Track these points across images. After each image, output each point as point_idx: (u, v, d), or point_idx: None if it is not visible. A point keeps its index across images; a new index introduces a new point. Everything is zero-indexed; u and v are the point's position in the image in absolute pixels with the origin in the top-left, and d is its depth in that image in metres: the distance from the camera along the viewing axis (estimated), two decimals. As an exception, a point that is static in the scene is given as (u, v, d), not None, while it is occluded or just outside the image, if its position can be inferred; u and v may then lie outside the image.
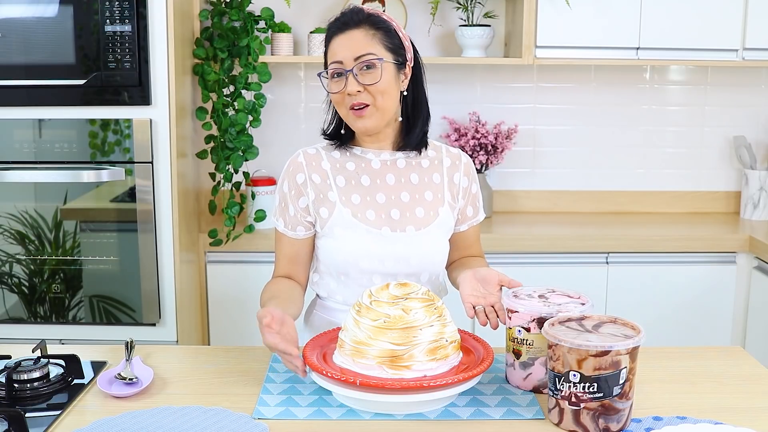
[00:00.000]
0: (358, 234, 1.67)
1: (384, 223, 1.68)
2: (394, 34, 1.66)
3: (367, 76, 1.62)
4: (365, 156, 1.73)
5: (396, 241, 1.68)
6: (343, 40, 1.63)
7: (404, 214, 1.70)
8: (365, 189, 1.70)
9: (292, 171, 1.72)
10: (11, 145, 2.58)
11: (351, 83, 1.61)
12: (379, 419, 1.35)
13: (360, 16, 1.65)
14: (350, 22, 1.64)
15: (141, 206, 2.60)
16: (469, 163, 1.80)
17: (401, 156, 1.74)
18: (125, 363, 1.52)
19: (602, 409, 1.27)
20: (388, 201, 1.70)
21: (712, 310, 2.93)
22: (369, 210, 1.69)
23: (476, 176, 1.82)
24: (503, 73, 3.25)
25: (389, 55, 1.64)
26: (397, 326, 1.35)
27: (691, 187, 3.35)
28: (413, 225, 1.69)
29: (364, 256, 1.67)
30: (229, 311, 2.90)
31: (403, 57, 1.67)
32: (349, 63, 1.62)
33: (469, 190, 1.78)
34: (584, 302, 1.46)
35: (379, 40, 1.63)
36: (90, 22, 2.49)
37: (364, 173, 1.72)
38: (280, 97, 3.22)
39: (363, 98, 1.62)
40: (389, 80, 1.63)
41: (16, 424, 1.26)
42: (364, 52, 1.61)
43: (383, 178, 1.72)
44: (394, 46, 1.65)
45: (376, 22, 1.65)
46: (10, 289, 2.67)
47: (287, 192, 1.72)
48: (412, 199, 1.71)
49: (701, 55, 2.95)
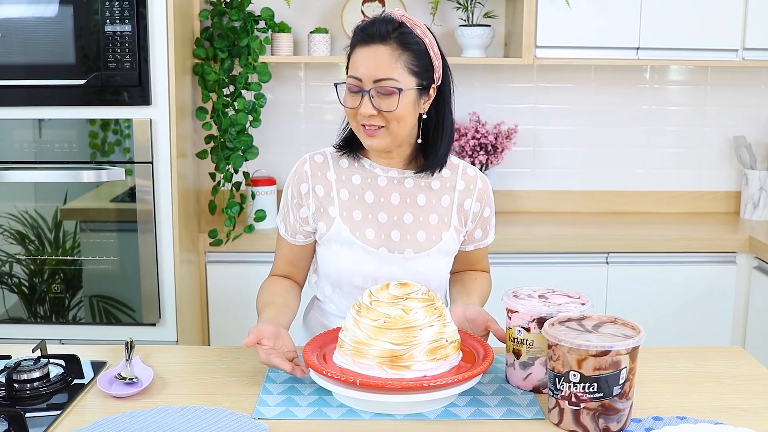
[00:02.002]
0: (355, 252, 1.64)
1: (382, 244, 1.64)
2: (424, 54, 1.55)
3: (383, 102, 1.53)
4: (373, 170, 1.67)
5: (392, 263, 1.64)
6: (366, 56, 1.53)
7: (404, 237, 1.65)
8: (368, 206, 1.66)
9: (297, 179, 1.68)
10: (11, 145, 2.58)
11: (366, 105, 1.53)
12: (379, 419, 1.35)
13: (389, 29, 1.53)
14: (376, 35, 1.53)
15: (141, 206, 2.60)
16: (484, 187, 1.71)
17: (410, 175, 1.66)
18: (125, 363, 1.52)
19: (602, 409, 1.27)
20: (389, 221, 1.65)
21: (712, 310, 2.93)
22: (369, 228, 1.65)
23: (492, 200, 1.73)
24: (503, 73, 3.25)
25: (412, 80, 1.54)
26: (397, 326, 1.35)
27: (691, 187, 3.35)
28: (412, 248, 1.65)
29: (358, 274, 1.65)
30: (229, 311, 2.90)
31: (429, 79, 1.57)
32: (367, 83, 1.53)
33: (480, 214, 1.71)
34: (584, 302, 1.46)
35: (404, 63, 1.53)
36: (90, 22, 2.49)
37: (369, 189, 1.66)
38: (280, 97, 3.22)
39: (376, 121, 1.55)
40: (406, 107, 1.54)
41: (16, 424, 1.26)
42: (385, 76, 1.52)
43: (388, 196, 1.66)
44: (421, 69, 1.55)
45: (405, 40, 1.53)
46: (10, 289, 2.67)
47: (289, 200, 1.69)
48: (415, 222, 1.66)
49: (701, 55, 2.95)
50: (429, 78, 1.58)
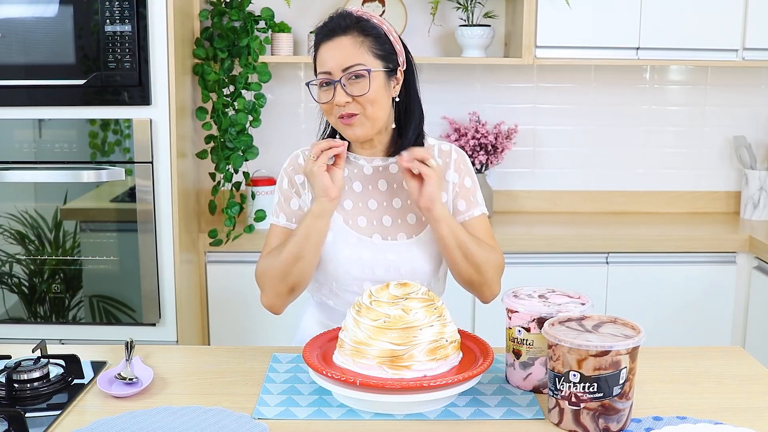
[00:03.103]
0: (349, 242, 1.66)
1: (375, 231, 1.67)
2: (385, 39, 1.62)
3: (355, 87, 1.58)
4: (357, 162, 1.71)
5: (386, 250, 1.66)
6: (331, 49, 1.59)
7: (396, 221, 1.68)
8: (357, 195, 1.69)
9: (292, 171, 1.72)
10: (11, 145, 2.58)
11: (339, 94, 1.57)
12: (379, 419, 1.35)
13: (348, 21, 1.60)
14: (337, 28, 1.60)
15: (141, 206, 2.60)
16: (460, 158, 1.74)
17: (393, 161, 1.71)
18: (125, 363, 1.52)
19: (602, 409, 1.27)
20: (379, 207, 1.69)
21: (712, 310, 2.93)
22: (360, 216, 1.68)
23: (471, 170, 1.75)
24: (503, 73, 3.25)
25: (379, 63, 1.60)
26: (397, 326, 1.35)
27: (691, 187, 3.35)
28: (404, 232, 1.67)
29: (355, 264, 1.66)
30: (229, 311, 2.90)
31: (394, 63, 1.63)
32: (336, 74, 1.58)
33: (461, 184, 1.72)
34: (584, 302, 1.46)
35: (368, 48, 1.59)
36: (90, 22, 2.49)
37: (357, 179, 1.70)
38: (280, 97, 3.22)
39: (352, 108, 1.59)
40: (378, 89, 1.59)
41: (16, 424, 1.26)
42: (352, 62, 1.57)
43: (375, 184, 1.70)
44: (385, 53, 1.61)
45: (365, 28, 1.60)
46: (10, 289, 2.67)
47: (288, 188, 1.71)
48: (404, 205, 1.69)
49: (701, 55, 2.95)
50: (394, 62, 1.63)
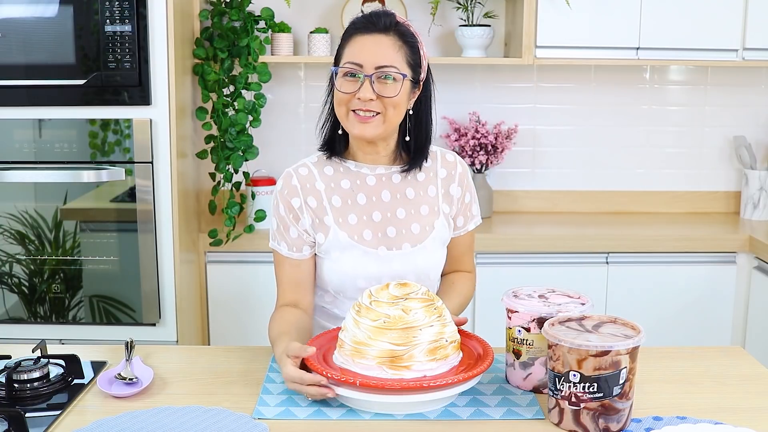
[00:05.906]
0: (355, 256, 1.64)
1: (380, 243, 1.66)
2: (417, 51, 1.61)
3: (385, 88, 1.56)
4: (360, 171, 1.69)
5: (392, 260, 1.66)
6: (368, 43, 1.57)
7: (400, 231, 1.67)
8: (361, 208, 1.67)
9: (287, 194, 1.67)
10: (11, 145, 2.58)
11: (366, 89, 1.56)
12: (379, 419, 1.35)
13: (390, 22, 1.59)
14: (379, 24, 1.58)
15: (141, 206, 2.60)
16: (464, 172, 1.75)
17: (396, 170, 1.70)
18: (125, 363, 1.52)
19: (602, 409, 1.27)
20: (384, 219, 1.67)
21: (712, 310, 2.93)
22: (366, 230, 1.66)
23: (471, 185, 1.76)
24: (503, 73, 3.25)
25: (409, 72, 1.59)
26: (397, 326, 1.35)
27: (691, 187, 3.35)
28: (409, 242, 1.67)
29: (361, 277, 1.65)
30: (229, 311, 2.90)
31: (418, 76, 1.63)
32: (369, 69, 1.56)
33: (462, 200, 1.74)
34: (584, 302, 1.46)
35: (404, 55, 1.58)
36: (90, 22, 2.49)
37: (360, 191, 1.67)
38: (280, 97, 3.22)
39: (373, 106, 1.57)
40: (403, 96, 1.59)
41: (16, 424, 1.26)
42: (388, 62, 1.56)
43: (379, 195, 1.68)
44: (414, 64, 1.61)
45: (404, 34, 1.60)
46: (10, 289, 2.67)
47: (285, 215, 1.67)
48: (408, 215, 1.68)
49: (701, 55, 2.95)
50: (418, 74, 1.63)
